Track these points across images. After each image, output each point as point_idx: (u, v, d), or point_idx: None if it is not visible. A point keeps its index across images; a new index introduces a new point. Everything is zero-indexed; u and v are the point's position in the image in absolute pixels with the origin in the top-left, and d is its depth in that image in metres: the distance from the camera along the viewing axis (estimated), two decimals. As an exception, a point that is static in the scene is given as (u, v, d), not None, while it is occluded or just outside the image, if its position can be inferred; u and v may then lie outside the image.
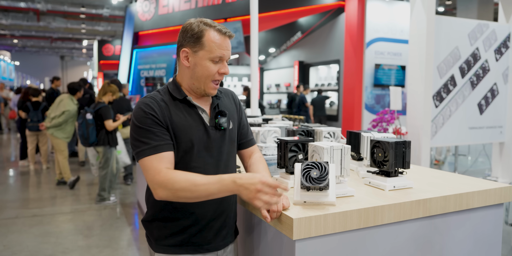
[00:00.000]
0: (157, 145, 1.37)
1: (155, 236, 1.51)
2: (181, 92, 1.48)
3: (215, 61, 1.44)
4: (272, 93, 13.49)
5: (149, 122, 1.39)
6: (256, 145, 1.73)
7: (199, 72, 1.45)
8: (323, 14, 9.73)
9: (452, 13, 15.65)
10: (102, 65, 17.55)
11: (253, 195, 1.26)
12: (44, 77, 28.47)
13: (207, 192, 1.30)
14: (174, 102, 1.46)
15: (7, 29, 20.98)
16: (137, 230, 4.32)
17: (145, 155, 1.37)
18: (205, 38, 1.42)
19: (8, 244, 3.89)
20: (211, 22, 1.45)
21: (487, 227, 1.71)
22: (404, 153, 1.65)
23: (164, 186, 1.31)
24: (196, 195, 1.31)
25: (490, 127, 5.43)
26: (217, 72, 1.45)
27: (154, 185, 1.34)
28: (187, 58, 1.46)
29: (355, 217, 1.39)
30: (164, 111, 1.43)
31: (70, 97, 6.08)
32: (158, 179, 1.33)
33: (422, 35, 4.66)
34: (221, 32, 1.43)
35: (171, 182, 1.31)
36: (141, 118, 1.40)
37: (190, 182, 1.30)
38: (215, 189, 1.30)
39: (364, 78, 8.93)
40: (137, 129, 1.40)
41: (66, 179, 6.14)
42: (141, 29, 11.88)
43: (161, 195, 1.33)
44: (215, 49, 1.42)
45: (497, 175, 5.94)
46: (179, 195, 1.31)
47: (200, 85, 1.46)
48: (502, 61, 5.43)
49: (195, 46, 1.43)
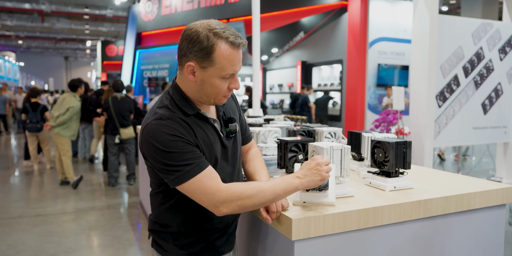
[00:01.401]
0: (199, 163, 1.26)
1: (169, 247, 1.44)
2: (192, 106, 1.35)
3: (226, 78, 1.30)
4: (274, 93, 13.49)
5: (180, 145, 1.25)
6: (253, 140, 1.70)
7: (208, 90, 1.32)
8: (325, 14, 9.71)
9: (456, 12, 15.58)
10: (105, 66, 17.63)
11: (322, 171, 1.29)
12: (48, 77, 28.61)
13: (274, 195, 1.27)
14: (189, 118, 1.33)
15: (12, 30, 21.12)
16: (140, 230, 4.33)
17: (190, 176, 1.24)
18: (216, 53, 1.25)
19: (11, 243, 3.91)
20: (221, 31, 1.26)
21: (489, 228, 1.70)
22: (405, 153, 1.64)
23: (230, 200, 1.24)
24: (264, 201, 1.26)
25: (494, 127, 5.39)
26: (228, 87, 1.33)
27: (216, 204, 1.24)
28: (193, 73, 1.30)
29: (354, 218, 1.38)
30: (188, 130, 1.30)
31: (72, 94, 6.11)
32: (220, 196, 1.24)
33: (425, 34, 4.63)
34: (234, 44, 1.26)
35: (237, 194, 1.24)
36: (169, 142, 1.24)
37: (256, 189, 1.25)
38: (281, 190, 1.27)
39: (367, 78, 8.91)
40: (168, 155, 1.24)
41: (70, 179, 6.16)
42: (144, 29, 11.91)
43: (225, 210, 1.25)
44: (227, 67, 1.27)
45: (501, 176, 5.90)
46: (246, 204, 1.25)
47: (209, 99, 1.35)
48: (506, 61, 5.40)
49: (203, 61, 1.26)
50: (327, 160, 1.33)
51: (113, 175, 6.23)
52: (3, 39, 25.86)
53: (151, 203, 1.51)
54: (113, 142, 6.16)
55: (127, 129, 6.12)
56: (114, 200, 5.49)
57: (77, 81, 6.21)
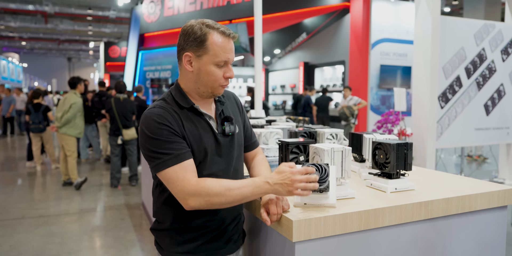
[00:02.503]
0: (179, 154, 1.33)
1: (167, 244, 1.47)
2: (187, 99, 1.44)
3: (220, 65, 1.39)
4: (277, 94, 13.49)
5: (165, 133, 1.34)
6: (259, 146, 1.72)
7: (205, 78, 1.40)
8: (328, 15, 9.71)
9: (458, 13, 15.55)
10: (108, 67, 17.67)
11: (291, 187, 1.24)
12: (52, 78, 28.71)
13: (241, 196, 1.28)
14: (182, 111, 1.42)
15: (15, 32, 21.23)
16: (142, 231, 4.33)
17: (167, 165, 1.32)
18: (209, 41, 1.36)
19: (14, 244, 3.92)
20: (213, 24, 1.40)
21: (490, 229, 1.69)
22: (406, 155, 1.64)
23: (198, 194, 1.28)
24: (231, 200, 1.28)
25: (497, 128, 5.38)
26: (223, 76, 1.41)
27: (185, 196, 1.30)
28: (190, 63, 1.41)
29: (355, 219, 1.38)
30: (177, 121, 1.38)
31: (72, 91, 6.14)
32: (189, 188, 1.29)
33: (427, 35, 4.63)
34: (225, 34, 1.39)
35: (205, 189, 1.28)
36: (155, 129, 1.34)
37: (224, 187, 1.28)
38: (249, 192, 1.28)
39: (370, 79, 8.90)
40: (152, 141, 1.34)
41: (73, 180, 6.18)
42: (146, 30, 11.95)
43: (193, 204, 1.30)
44: (220, 53, 1.37)
45: (504, 177, 5.88)
46: (213, 201, 1.28)
47: (207, 89, 1.42)
48: (508, 62, 5.38)
49: (198, 50, 1.38)
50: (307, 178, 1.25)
51: (115, 176, 6.24)
52: (6, 40, 25.98)
53: (153, 200, 1.56)
54: (115, 143, 6.17)
55: (130, 130, 6.13)
56: (116, 201, 5.50)
57: (76, 78, 6.23)
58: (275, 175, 1.29)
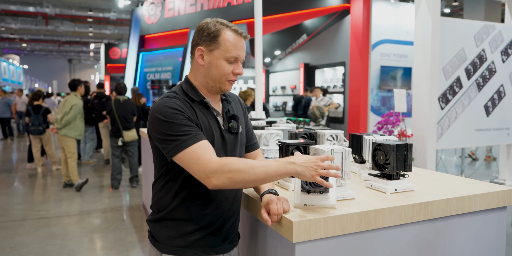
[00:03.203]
0: (197, 134, 1.35)
1: (163, 237, 1.47)
2: (198, 93, 1.48)
3: (230, 61, 1.44)
4: (277, 95, 13.49)
5: (180, 117, 1.36)
6: (259, 148, 1.74)
7: (214, 71, 1.45)
8: (328, 16, 9.72)
9: (459, 14, 15.56)
10: (109, 68, 17.68)
11: (315, 172, 1.28)
12: (52, 80, 28.73)
13: (265, 174, 1.28)
14: (193, 103, 1.46)
15: (16, 33, 21.26)
16: (142, 232, 4.33)
17: (186, 146, 1.32)
18: (221, 37, 1.43)
19: (15, 246, 3.93)
20: (227, 22, 1.46)
21: (490, 230, 1.70)
22: (406, 156, 1.64)
23: (221, 171, 1.27)
24: (254, 178, 1.28)
25: (497, 129, 5.38)
26: (232, 72, 1.46)
27: (208, 174, 1.29)
28: (202, 57, 1.46)
29: (355, 220, 1.38)
30: (191, 110, 1.42)
31: (73, 93, 6.16)
32: (212, 166, 1.29)
33: (427, 37, 4.64)
34: (237, 32, 1.45)
35: (228, 166, 1.28)
36: (170, 114, 1.36)
37: (248, 165, 1.28)
38: (272, 171, 1.29)
39: (370, 80, 8.90)
40: (167, 124, 1.35)
41: (74, 181, 6.18)
42: (147, 32, 11.96)
43: (216, 182, 1.28)
44: (231, 49, 1.43)
45: (504, 178, 5.88)
46: (236, 178, 1.27)
47: (215, 83, 1.47)
48: (508, 63, 5.39)
49: (210, 45, 1.44)
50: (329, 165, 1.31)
51: (116, 178, 6.25)
52: (7, 42, 26.03)
53: (152, 193, 1.56)
54: (116, 145, 6.18)
55: (130, 131, 6.14)
56: (117, 203, 5.51)
57: (77, 81, 6.25)
58: (301, 157, 1.32)
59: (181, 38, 10.84)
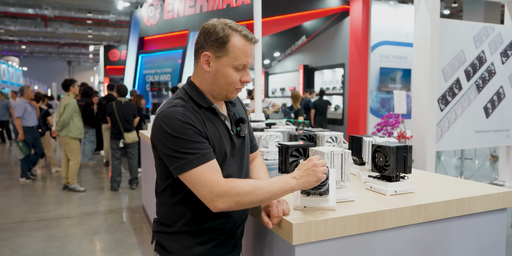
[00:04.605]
0: (204, 154, 1.29)
1: (176, 247, 1.42)
2: (205, 99, 1.41)
3: (239, 69, 1.37)
4: (277, 97, 13.49)
5: (190, 133, 1.29)
6: (258, 150, 1.74)
7: (221, 80, 1.37)
8: (327, 18, 9.74)
9: (458, 16, 15.58)
10: (108, 70, 17.67)
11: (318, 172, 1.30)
12: (51, 82, 28.73)
13: (271, 193, 1.28)
14: (200, 111, 1.39)
15: (15, 35, 21.26)
16: (142, 234, 4.33)
17: (193, 166, 1.27)
18: (231, 44, 1.33)
19: (14, 248, 3.92)
20: (235, 26, 1.37)
21: (490, 232, 1.70)
22: (406, 157, 1.64)
23: (228, 195, 1.25)
24: (261, 198, 1.27)
25: (497, 130, 5.38)
26: (239, 80, 1.39)
27: (214, 197, 1.25)
28: (208, 63, 1.38)
29: (355, 222, 1.38)
30: (200, 120, 1.35)
31: (66, 94, 6.17)
32: (219, 190, 1.25)
33: (427, 38, 4.64)
34: (247, 38, 1.36)
35: (235, 189, 1.25)
36: (180, 128, 1.28)
37: (254, 186, 1.27)
38: (278, 189, 1.28)
39: (369, 82, 8.91)
40: (176, 140, 1.28)
41: (71, 183, 6.18)
42: (146, 34, 11.96)
43: (222, 206, 1.26)
44: (240, 57, 1.34)
45: (504, 179, 5.88)
46: (243, 201, 1.26)
47: (221, 91, 1.40)
48: (508, 64, 5.39)
49: (218, 51, 1.35)
50: (323, 162, 1.34)
51: (116, 180, 6.24)
52: (6, 44, 26.03)
53: (157, 203, 1.50)
54: (117, 147, 6.18)
55: (131, 133, 6.14)
56: (116, 205, 5.50)
57: (69, 80, 6.26)
58: (297, 170, 1.32)
59: (181, 40, 10.85)
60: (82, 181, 6.95)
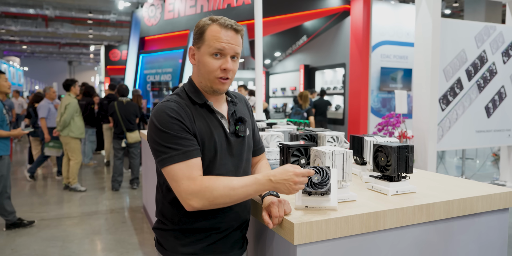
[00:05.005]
0: (187, 151, 1.30)
1: (171, 244, 1.43)
2: (200, 96, 1.43)
3: (216, 56, 1.37)
4: (277, 97, 13.49)
5: (176, 128, 1.31)
6: (264, 152, 1.73)
7: (202, 69, 1.40)
8: (328, 18, 9.73)
9: (459, 15, 15.56)
10: (109, 70, 17.69)
11: (292, 188, 1.27)
12: (52, 82, 28.76)
13: (245, 194, 1.29)
14: (194, 107, 1.41)
15: (16, 35, 21.27)
16: (143, 234, 4.33)
17: (173, 161, 1.29)
18: (207, 32, 1.37)
19: (15, 247, 3.92)
20: (219, 18, 1.39)
21: (492, 232, 1.69)
22: (407, 157, 1.64)
23: (202, 195, 1.25)
24: (235, 199, 1.28)
25: (498, 130, 5.38)
26: (219, 68, 1.38)
27: (188, 195, 1.26)
28: (193, 56, 1.43)
29: (356, 222, 1.38)
30: (189, 116, 1.36)
31: (67, 93, 6.16)
32: (193, 188, 1.26)
33: (428, 38, 4.64)
34: (222, 25, 1.37)
35: (209, 190, 1.25)
36: (167, 123, 1.31)
37: (229, 187, 1.26)
38: (252, 190, 1.29)
39: (370, 82, 8.90)
40: (162, 134, 1.31)
41: (72, 183, 6.18)
42: (147, 34, 11.97)
43: (196, 205, 1.27)
44: (213, 42, 1.36)
45: (505, 179, 5.87)
46: (217, 202, 1.27)
47: (206, 82, 1.41)
48: (509, 64, 5.39)
49: (198, 42, 1.40)
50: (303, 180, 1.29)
51: (117, 179, 6.24)
52: (7, 44, 26.05)
53: (156, 200, 1.52)
54: (119, 147, 6.18)
55: (133, 133, 6.14)
56: (117, 204, 5.50)
57: (70, 80, 6.25)
58: (278, 173, 1.28)
59: (181, 40, 10.85)
60: (83, 181, 6.95)
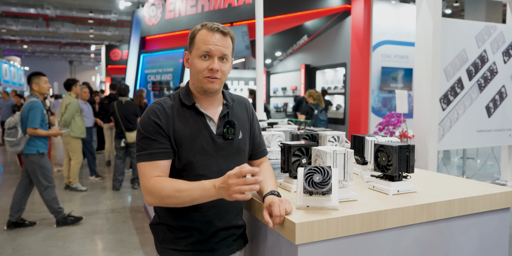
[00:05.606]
0: (151, 153, 1.41)
1: (160, 239, 1.53)
2: (190, 98, 1.50)
3: (205, 58, 1.45)
4: (278, 96, 13.49)
5: (151, 130, 1.42)
6: (267, 155, 1.74)
7: (193, 71, 1.49)
8: (329, 17, 9.73)
9: (460, 15, 15.55)
10: (109, 70, 17.70)
11: (230, 191, 1.23)
12: (53, 82, 28.76)
13: (190, 198, 1.32)
14: (182, 109, 1.48)
15: (17, 35, 21.29)
16: (144, 234, 4.33)
17: (140, 160, 1.42)
18: (196, 37, 1.47)
19: (16, 247, 3.93)
20: (207, 23, 1.48)
21: (493, 232, 1.69)
22: (408, 157, 1.64)
23: (152, 193, 1.37)
24: (181, 201, 1.34)
25: (499, 130, 5.37)
26: (207, 68, 1.45)
27: (144, 192, 1.39)
28: (187, 60, 1.53)
29: (358, 222, 1.38)
30: (169, 119, 1.44)
31: (68, 93, 6.17)
32: (147, 186, 1.38)
33: (429, 37, 4.64)
34: (209, 28, 1.45)
35: (157, 190, 1.35)
36: (145, 124, 1.44)
37: (175, 189, 1.33)
38: (197, 195, 1.32)
39: (371, 81, 8.90)
40: (140, 134, 1.45)
41: (72, 183, 6.19)
42: (148, 33, 11.97)
43: (150, 201, 1.39)
44: (201, 45, 1.44)
45: (506, 179, 5.87)
46: (165, 201, 1.36)
47: (197, 83, 1.48)
48: (510, 63, 5.39)
49: (190, 47, 1.50)
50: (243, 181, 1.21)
51: (118, 179, 6.25)
52: (8, 44, 26.08)
53: None
54: (119, 146, 6.19)
55: (133, 132, 6.14)
56: (118, 204, 5.51)
57: (71, 80, 6.25)
58: (220, 178, 1.28)
59: (182, 40, 10.85)
60: (83, 180, 6.96)
